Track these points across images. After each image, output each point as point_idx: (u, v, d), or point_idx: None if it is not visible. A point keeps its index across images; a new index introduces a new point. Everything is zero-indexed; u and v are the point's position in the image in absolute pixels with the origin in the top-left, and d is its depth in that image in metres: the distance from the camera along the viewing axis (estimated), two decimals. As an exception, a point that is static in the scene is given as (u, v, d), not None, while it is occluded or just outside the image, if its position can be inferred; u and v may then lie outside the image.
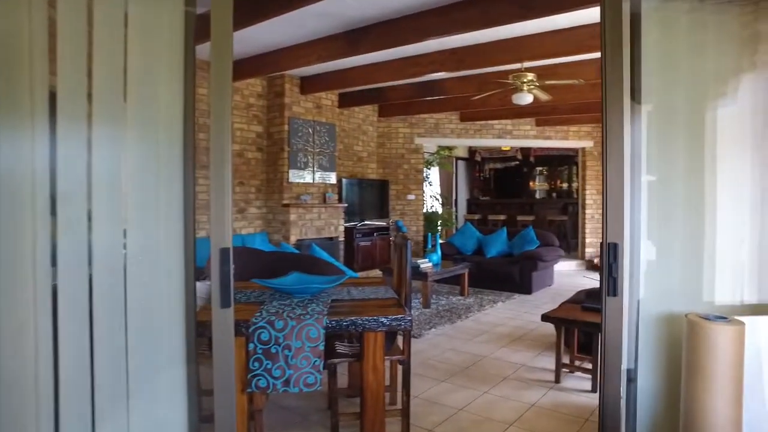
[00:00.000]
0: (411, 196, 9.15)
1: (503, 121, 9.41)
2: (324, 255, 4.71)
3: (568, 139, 9.67)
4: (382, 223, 8.58)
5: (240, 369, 2.31)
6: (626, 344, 1.92)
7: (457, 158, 12.62)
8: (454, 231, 11.09)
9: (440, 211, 12.41)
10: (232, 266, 1.69)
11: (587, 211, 9.74)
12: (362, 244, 7.98)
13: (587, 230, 9.74)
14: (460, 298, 6.74)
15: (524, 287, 7.14)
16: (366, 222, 8.33)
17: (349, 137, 8.49)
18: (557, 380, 3.71)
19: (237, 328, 1.96)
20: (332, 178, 7.50)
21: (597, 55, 5.82)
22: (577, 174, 12.03)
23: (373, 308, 2.56)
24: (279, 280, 2.92)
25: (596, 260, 9.36)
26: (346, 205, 7.72)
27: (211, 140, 1.68)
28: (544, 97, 5.81)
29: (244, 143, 6.81)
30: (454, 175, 12.45)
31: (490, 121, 9.36)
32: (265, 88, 7.03)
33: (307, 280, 2.95)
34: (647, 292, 1.98)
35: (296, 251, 4.73)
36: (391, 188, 9.09)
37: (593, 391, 3.51)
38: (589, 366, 3.66)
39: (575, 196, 12.00)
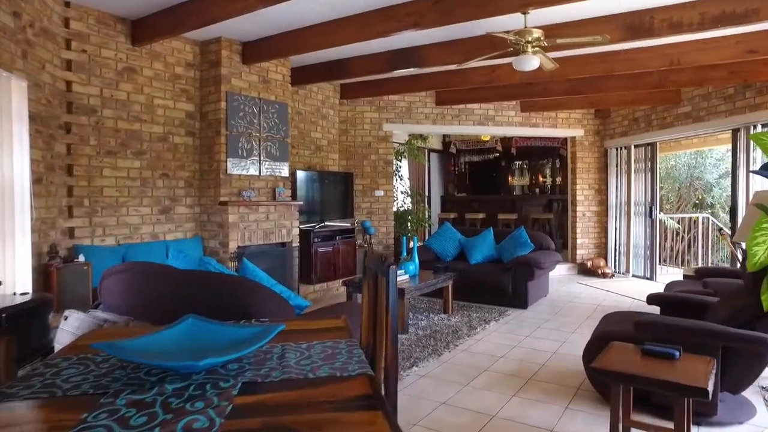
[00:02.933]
0: (379, 192, 7.84)
1: (485, 106, 8.19)
2: (261, 276, 3.35)
3: (557, 126, 8.54)
4: (345, 225, 7.23)
5: None
6: None
7: (430, 150, 11.37)
8: (426, 232, 9.84)
9: (412, 208, 11.15)
10: None
11: (578, 209, 8.64)
12: (321, 250, 6.62)
13: (578, 230, 8.64)
14: (443, 316, 5.46)
15: (519, 300, 5.92)
16: (326, 223, 6.97)
17: (306, 122, 7.10)
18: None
19: None
20: (284, 170, 6.10)
21: (623, 9, 4.68)
22: (562, 167, 10.98)
23: (320, 409, 1.21)
24: (154, 340, 1.53)
25: (589, 264, 8.28)
26: (301, 203, 6.34)
27: None
28: (549, 65, 4.59)
29: (170, 125, 5.34)
30: (427, 168, 11.21)
31: (470, 105, 8.13)
32: (198, 55, 5.58)
33: (206, 341, 1.57)
34: None
35: (223, 270, 3.36)
36: (357, 183, 7.75)
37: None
38: (659, 441, 2.43)
39: (558, 192, 10.94)
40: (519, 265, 5.89)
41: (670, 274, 8.48)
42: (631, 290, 7.03)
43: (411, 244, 5.59)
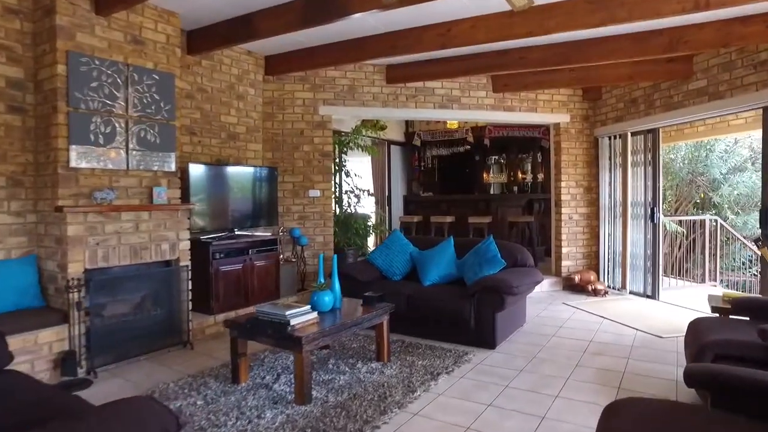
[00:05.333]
0: (315, 192, 6.24)
1: (448, 85, 6.63)
2: None
3: (537, 111, 7.00)
4: (264, 235, 5.63)
5: None
6: None
7: (390, 142, 9.79)
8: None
9: (373, 212, 9.57)
10: None
11: (563, 211, 7.11)
12: (227, 268, 5.00)
13: (563, 236, 7.11)
14: (375, 366, 3.88)
15: (484, 337, 4.37)
16: (239, 233, 5.36)
17: (214, 102, 5.48)
18: None
19: None
20: (169, 163, 4.48)
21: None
22: (544, 162, 9.47)
23: None
24: None
25: (577, 278, 6.77)
26: (192, 206, 4.71)
27: None
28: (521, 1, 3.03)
29: (-19, 97, 3.72)
30: (387, 163, 9.63)
31: (429, 84, 6.56)
32: None
33: None
34: None
35: None
36: (285, 181, 6.15)
37: None
38: None
39: (540, 190, 9.43)
40: (485, 290, 4.33)
41: (673, 289, 7.02)
42: (631, 314, 5.51)
43: (332, 267, 3.98)
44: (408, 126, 10.27)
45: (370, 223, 8.56)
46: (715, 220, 7.95)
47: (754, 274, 8.98)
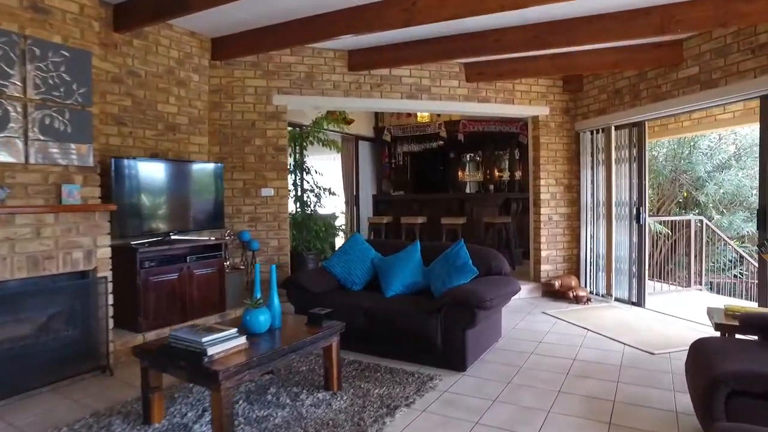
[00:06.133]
0: (268, 191, 5.58)
1: (417, 73, 6.04)
2: None
3: (515, 102, 6.46)
4: (208, 239, 4.96)
5: None
6: None
7: (358, 137, 9.16)
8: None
9: (343, 212, 8.95)
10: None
11: (542, 211, 6.58)
12: (158, 279, 4.31)
13: (542, 238, 6.58)
14: (323, 396, 3.25)
15: (452, 357, 3.78)
16: (175, 237, 4.68)
17: (148, 88, 4.78)
18: None
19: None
20: (84, 156, 3.79)
21: None
22: (522, 159, 8.97)
23: None
24: None
25: (557, 284, 6.25)
26: (113, 207, 4.01)
27: None
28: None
29: None
30: (355, 160, 9.00)
31: (396, 72, 5.96)
32: None
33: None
34: None
35: None
36: (234, 178, 5.49)
37: None
38: None
39: (518, 189, 8.92)
40: (453, 304, 3.74)
41: (658, 294, 6.55)
42: (617, 325, 4.99)
43: (270, 280, 3.34)
44: (377, 120, 9.65)
45: (338, 225, 7.95)
46: (701, 221, 7.52)
47: (735, 276, 8.61)
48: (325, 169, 9.34)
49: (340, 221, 8.67)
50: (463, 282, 4.01)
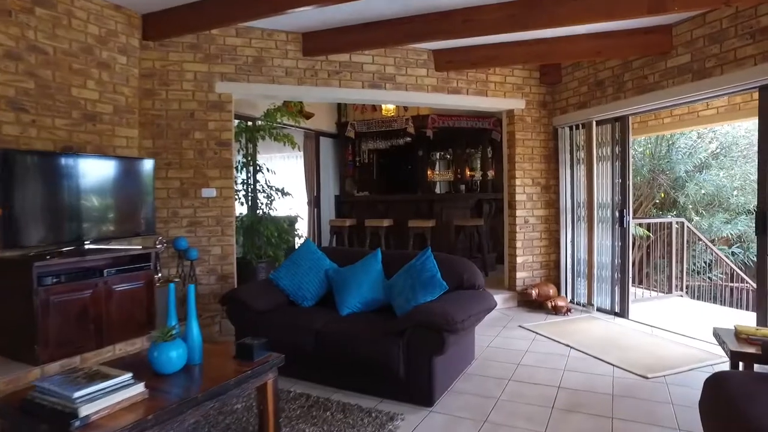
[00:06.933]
0: (209, 191, 4.88)
1: (380, 60, 5.42)
2: None
3: (488, 95, 5.90)
4: (133, 248, 4.24)
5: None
6: None
7: (319, 133, 8.48)
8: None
9: (304, 215, 8.27)
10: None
11: (518, 213, 6.04)
12: (66, 297, 3.57)
13: (518, 243, 6.04)
14: (252, 452, 2.60)
15: (416, 390, 3.18)
16: (90, 246, 3.93)
17: (59, 68, 4.02)
18: None
19: None
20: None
21: None
22: (495, 157, 8.45)
23: None
24: None
25: (535, 293, 5.73)
26: (0, 210, 3.26)
27: None
28: None
29: None
30: (315, 158, 8.32)
31: (356, 58, 5.32)
32: None
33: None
34: None
35: None
36: (169, 176, 4.77)
37: None
38: None
39: (491, 189, 8.40)
40: (419, 327, 3.13)
41: (639, 301, 6.11)
42: (602, 341, 4.47)
43: (188, 298, 2.66)
44: (340, 114, 8.98)
45: (297, 228, 7.27)
46: (681, 223, 7.13)
47: (709, 278, 8.29)
48: (286, 167, 8.71)
49: (303, 224, 7.99)
50: (430, 299, 3.41)
